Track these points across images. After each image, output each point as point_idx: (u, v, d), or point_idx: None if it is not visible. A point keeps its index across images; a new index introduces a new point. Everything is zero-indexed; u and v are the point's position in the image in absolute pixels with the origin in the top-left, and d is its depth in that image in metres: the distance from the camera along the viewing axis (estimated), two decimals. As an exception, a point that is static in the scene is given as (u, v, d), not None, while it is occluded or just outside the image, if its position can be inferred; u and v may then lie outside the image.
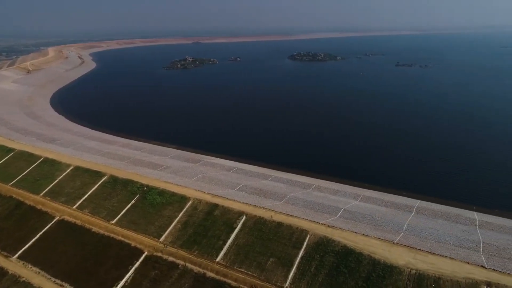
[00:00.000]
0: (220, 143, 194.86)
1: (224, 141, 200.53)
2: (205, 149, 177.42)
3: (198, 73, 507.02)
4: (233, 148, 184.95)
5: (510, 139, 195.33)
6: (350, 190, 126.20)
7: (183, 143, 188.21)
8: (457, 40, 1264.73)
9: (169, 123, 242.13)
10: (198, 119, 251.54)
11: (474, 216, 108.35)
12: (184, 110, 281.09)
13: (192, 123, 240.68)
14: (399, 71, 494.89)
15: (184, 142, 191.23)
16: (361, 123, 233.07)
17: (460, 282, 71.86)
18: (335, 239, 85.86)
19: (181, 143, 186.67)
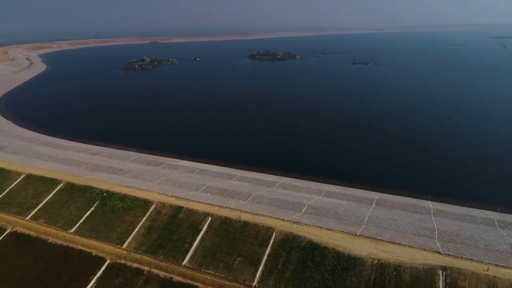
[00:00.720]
0: (182, 145, 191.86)
1: (186, 142, 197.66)
2: (167, 151, 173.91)
3: (157, 74, 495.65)
4: (196, 149, 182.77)
5: (458, 131, 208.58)
6: (313, 186, 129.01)
7: (144, 145, 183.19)
8: (408, 38, 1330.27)
9: (129, 125, 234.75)
10: (159, 120, 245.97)
11: (429, 205, 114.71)
12: (144, 111, 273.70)
13: (153, 125, 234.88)
14: (356, 69, 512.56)
15: (145, 144, 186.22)
16: (320, 120, 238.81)
17: (418, 268, 75.82)
18: (300, 235, 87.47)
19: (142, 146, 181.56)
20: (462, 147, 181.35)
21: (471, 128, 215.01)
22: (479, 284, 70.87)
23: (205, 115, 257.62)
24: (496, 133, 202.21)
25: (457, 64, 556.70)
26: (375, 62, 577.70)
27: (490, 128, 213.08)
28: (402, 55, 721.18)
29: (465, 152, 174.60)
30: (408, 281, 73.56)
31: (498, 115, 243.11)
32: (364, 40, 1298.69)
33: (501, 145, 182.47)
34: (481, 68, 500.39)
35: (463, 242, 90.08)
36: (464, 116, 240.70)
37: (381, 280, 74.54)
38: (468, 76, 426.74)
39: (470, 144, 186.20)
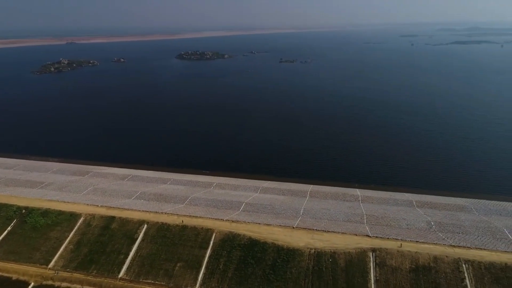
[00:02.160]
0: (109, 151, 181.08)
1: (114, 148, 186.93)
2: (93, 158, 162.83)
3: (77, 76, 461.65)
4: (126, 154, 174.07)
5: (378, 122, 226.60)
6: (249, 184, 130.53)
7: (67, 154, 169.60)
8: (329, 37, 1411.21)
9: (48, 134, 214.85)
10: (82, 127, 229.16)
11: (357, 192, 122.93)
12: (64, 118, 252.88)
13: (76, 132, 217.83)
14: (283, 67, 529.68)
15: (68, 153, 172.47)
16: (250, 117, 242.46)
17: (351, 253, 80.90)
18: (240, 233, 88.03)
19: (64, 155, 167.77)
20: (382, 137, 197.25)
21: (389, 118, 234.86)
22: (404, 261, 77.82)
23: (133, 118, 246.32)
24: (410, 123, 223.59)
25: (375, 60, 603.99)
26: (301, 60, 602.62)
27: (406, 118, 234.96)
28: (326, 52, 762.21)
29: (384, 141, 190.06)
30: (343, 266, 78.14)
31: (413, 106, 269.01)
32: (291, 39, 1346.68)
33: (416, 133, 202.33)
34: (395, 63, 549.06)
35: (388, 224, 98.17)
36: (382, 108, 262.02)
37: (319, 268, 78.15)
38: (384, 71, 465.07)
39: (389, 133, 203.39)
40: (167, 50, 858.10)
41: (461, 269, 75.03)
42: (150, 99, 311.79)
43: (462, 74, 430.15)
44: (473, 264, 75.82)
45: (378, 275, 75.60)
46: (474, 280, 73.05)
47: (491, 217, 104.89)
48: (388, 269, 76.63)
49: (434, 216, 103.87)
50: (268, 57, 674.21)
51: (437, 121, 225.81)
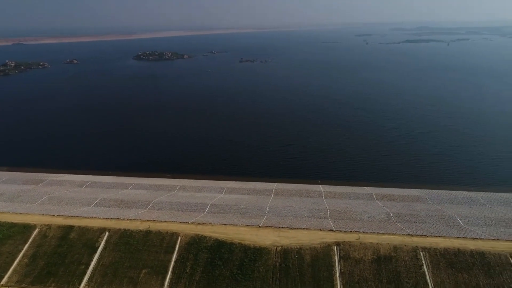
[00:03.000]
0: (65, 158, 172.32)
1: (69, 154, 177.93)
2: (47, 166, 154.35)
3: (26, 80, 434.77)
4: (82, 161, 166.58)
5: (337, 120, 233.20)
6: (214, 185, 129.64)
7: (18, 162, 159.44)
8: (288, 37, 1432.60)
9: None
10: (33, 133, 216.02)
11: (320, 188, 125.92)
12: (12, 124, 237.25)
13: (25, 138, 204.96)
14: (244, 67, 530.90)
15: (19, 161, 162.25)
16: (212, 117, 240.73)
17: (316, 248, 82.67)
18: (206, 235, 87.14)
19: (14, 163, 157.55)
20: (342, 134, 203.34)
21: (347, 116, 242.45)
22: (366, 252, 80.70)
23: (88, 122, 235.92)
24: (368, 119, 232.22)
25: (332, 59, 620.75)
26: (262, 59, 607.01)
27: (363, 115, 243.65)
28: (286, 52, 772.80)
29: (344, 137, 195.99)
30: (309, 261, 79.68)
31: (370, 103, 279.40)
32: (250, 39, 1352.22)
33: (373, 129, 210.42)
34: (352, 62, 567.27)
35: (351, 218, 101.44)
36: (341, 106, 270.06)
37: (286, 264, 79.16)
38: (341, 69, 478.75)
39: (348, 130, 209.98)
40: (124, 50, 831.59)
41: (419, 257, 79.03)
42: (106, 102, 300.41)
43: (413, 71, 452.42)
44: (430, 251, 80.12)
45: (343, 267, 77.86)
46: (431, 266, 77.21)
47: (444, 206, 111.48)
48: (352, 261, 79.11)
49: (392, 208, 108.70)
50: (228, 57, 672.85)
51: (393, 117, 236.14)
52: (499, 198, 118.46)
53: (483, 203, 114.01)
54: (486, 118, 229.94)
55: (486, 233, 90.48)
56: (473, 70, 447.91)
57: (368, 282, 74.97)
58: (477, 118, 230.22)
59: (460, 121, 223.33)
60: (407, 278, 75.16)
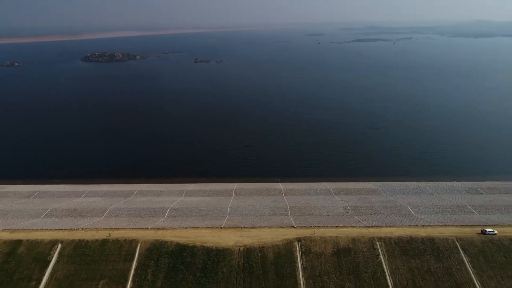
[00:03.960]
0: (7, 167, 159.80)
1: (13, 163, 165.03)
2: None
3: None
4: (29, 169, 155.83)
5: (295, 118, 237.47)
6: (173, 188, 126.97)
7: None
8: (242, 37, 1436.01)
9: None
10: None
11: (280, 186, 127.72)
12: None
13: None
14: (199, 67, 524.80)
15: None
16: (169, 119, 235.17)
17: (279, 245, 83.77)
18: (167, 240, 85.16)
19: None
20: (299, 132, 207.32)
21: (304, 114, 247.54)
22: (327, 246, 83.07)
23: (34, 129, 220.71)
24: (324, 117, 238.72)
25: (286, 58, 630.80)
26: (217, 59, 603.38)
27: (320, 112, 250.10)
28: (241, 52, 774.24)
29: (302, 135, 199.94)
30: (272, 259, 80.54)
31: (326, 101, 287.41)
32: (205, 39, 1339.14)
33: (330, 126, 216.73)
34: (305, 60, 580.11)
35: (311, 213, 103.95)
36: (297, 104, 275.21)
37: (249, 264, 79.41)
38: (296, 68, 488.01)
39: (305, 128, 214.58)
40: (71, 51, 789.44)
41: (376, 247, 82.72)
42: (53, 106, 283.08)
43: (364, 70, 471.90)
44: (385, 241, 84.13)
45: (305, 262, 79.56)
46: (387, 254, 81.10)
47: (397, 197, 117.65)
48: (313, 255, 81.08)
49: (349, 201, 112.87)
50: (183, 57, 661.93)
51: (346, 115, 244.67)
52: (445, 186, 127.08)
53: (431, 192, 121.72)
54: (431, 113, 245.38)
55: (435, 220, 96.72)
56: (418, 68, 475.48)
57: (329, 275, 77.24)
58: (422, 113, 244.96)
59: (407, 117, 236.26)
60: (366, 268, 78.37)
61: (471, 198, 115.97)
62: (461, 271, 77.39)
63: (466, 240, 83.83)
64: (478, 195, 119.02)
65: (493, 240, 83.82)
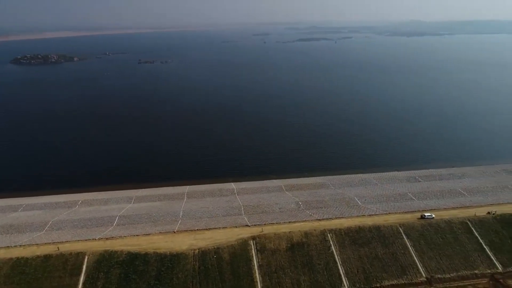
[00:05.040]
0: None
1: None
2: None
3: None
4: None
5: (244, 118, 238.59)
6: (121, 195, 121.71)
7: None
8: (187, 37, 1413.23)
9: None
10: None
11: (233, 186, 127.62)
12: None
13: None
14: (143, 68, 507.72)
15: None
16: (111, 123, 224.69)
17: (234, 245, 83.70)
18: (117, 249, 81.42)
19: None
20: (248, 130, 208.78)
21: (253, 113, 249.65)
22: (281, 242, 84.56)
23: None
24: (273, 116, 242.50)
25: (233, 58, 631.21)
26: (162, 60, 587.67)
27: (268, 112, 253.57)
28: (186, 52, 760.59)
29: (251, 134, 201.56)
30: (228, 259, 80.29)
31: (274, 100, 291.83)
32: (149, 39, 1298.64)
33: (279, 124, 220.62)
34: (252, 60, 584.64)
35: (264, 211, 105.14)
36: (246, 104, 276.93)
37: (205, 266, 78.46)
38: (244, 69, 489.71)
39: (254, 126, 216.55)
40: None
41: (327, 239, 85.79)
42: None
43: (309, 68, 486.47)
44: (336, 232, 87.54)
45: (260, 260, 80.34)
46: (338, 245, 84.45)
47: (344, 189, 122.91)
48: (268, 252, 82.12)
49: (301, 197, 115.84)
50: (126, 59, 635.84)
51: (294, 113, 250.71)
52: (387, 177, 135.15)
53: (376, 183, 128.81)
54: (372, 109, 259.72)
55: (380, 209, 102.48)
56: (360, 65, 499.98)
57: (284, 270, 78.72)
58: (366, 109, 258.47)
59: (351, 113, 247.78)
60: (319, 260, 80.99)
61: (410, 186, 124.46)
62: (405, 255, 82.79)
63: (408, 226, 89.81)
64: (416, 183, 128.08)
65: (431, 224, 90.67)
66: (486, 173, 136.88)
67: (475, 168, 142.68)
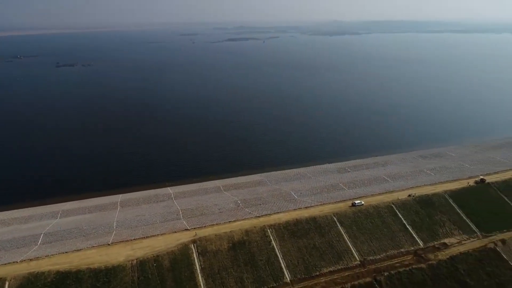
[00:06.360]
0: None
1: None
2: None
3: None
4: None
5: (174, 119, 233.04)
6: (44, 211, 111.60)
7: None
8: (113, 38, 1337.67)
9: None
10: None
11: (169, 191, 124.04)
12: None
13: None
14: (61, 72, 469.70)
15: None
16: (28, 135, 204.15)
17: (174, 251, 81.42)
18: (44, 270, 74.45)
19: None
20: (180, 132, 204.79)
21: (181, 114, 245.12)
22: (222, 242, 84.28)
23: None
24: (204, 116, 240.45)
25: (160, 59, 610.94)
26: (83, 63, 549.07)
27: (201, 112, 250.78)
28: (111, 54, 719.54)
29: (183, 136, 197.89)
30: (169, 266, 77.87)
31: (207, 100, 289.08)
32: (68, 40, 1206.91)
33: (208, 125, 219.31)
34: (181, 62, 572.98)
35: (203, 213, 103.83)
36: (176, 105, 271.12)
37: (144, 276, 75.23)
38: (174, 70, 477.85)
39: (185, 127, 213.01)
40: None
41: (267, 234, 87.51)
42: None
43: (240, 67, 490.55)
44: (275, 227, 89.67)
45: (202, 263, 79.29)
46: (278, 239, 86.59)
47: (281, 185, 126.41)
48: (210, 254, 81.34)
49: (239, 196, 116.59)
50: (41, 62, 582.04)
51: (229, 111, 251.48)
52: (320, 169, 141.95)
53: (310, 176, 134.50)
54: (304, 105, 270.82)
55: (315, 201, 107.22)
56: (288, 64, 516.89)
57: (227, 270, 78.63)
58: (297, 106, 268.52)
59: (283, 110, 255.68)
60: (260, 256, 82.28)
61: (341, 176, 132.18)
62: (340, 242, 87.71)
63: (341, 214, 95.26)
64: (346, 173, 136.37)
65: (361, 210, 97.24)
66: (405, 159, 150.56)
67: (396, 156, 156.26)
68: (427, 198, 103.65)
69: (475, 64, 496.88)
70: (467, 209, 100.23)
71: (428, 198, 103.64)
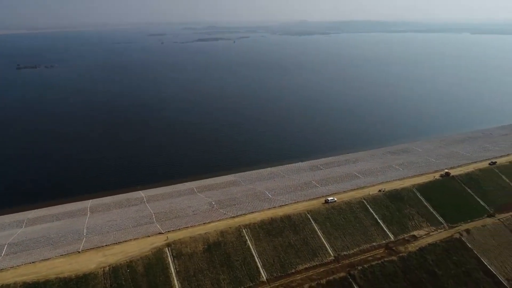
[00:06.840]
0: None
1: None
2: None
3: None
4: None
5: (144, 121, 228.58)
6: (7, 220, 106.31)
7: None
8: (77, 38, 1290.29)
9: None
10: None
11: (141, 194, 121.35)
12: None
13: None
14: (23, 74, 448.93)
15: None
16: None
17: (148, 256, 79.66)
18: (9, 282, 70.81)
19: None
20: (150, 135, 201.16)
21: (152, 118, 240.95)
22: (197, 244, 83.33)
23: None
24: (176, 118, 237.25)
25: (128, 61, 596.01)
26: (46, 65, 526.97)
27: (168, 115, 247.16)
28: (74, 55, 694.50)
29: (153, 139, 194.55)
30: (143, 271, 76.12)
31: (178, 102, 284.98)
32: (28, 40, 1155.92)
33: (179, 126, 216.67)
34: (149, 63, 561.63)
35: (177, 216, 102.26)
36: (142, 108, 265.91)
37: (118, 283, 73.16)
38: (143, 71, 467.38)
39: (155, 131, 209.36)
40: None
41: (243, 234, 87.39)
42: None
43: (211, 68, 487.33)
44: (250, 227, 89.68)
45: (178, 266, 78.09)
46: (253, 239, 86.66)
47: (255, 184, 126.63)
48: (185, 257, 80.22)
49: (213, 197, 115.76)
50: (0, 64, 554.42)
51: (202, 112, 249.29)
52: (293, 168, 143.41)
53: (283, 175, 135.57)
54: (275, 105, 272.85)
55: (289, 199, 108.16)
56: (260, 64, 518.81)
57: (203, 272, 77.85)
58: (268, 106, 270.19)
59: (256, 111, 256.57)
60: (236, 256, 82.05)
61: (314, 174, 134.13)
62: (314, 239, 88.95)
63: (315, 211, 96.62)
64: (319, 171, 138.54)
65: (334, 207, 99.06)
66: (375, 156, 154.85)
67: (366, 152, 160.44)
68: (397, 192, 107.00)
69: (441, 62, 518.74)
70: (434, 202, 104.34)
71: (397, 192, 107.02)
